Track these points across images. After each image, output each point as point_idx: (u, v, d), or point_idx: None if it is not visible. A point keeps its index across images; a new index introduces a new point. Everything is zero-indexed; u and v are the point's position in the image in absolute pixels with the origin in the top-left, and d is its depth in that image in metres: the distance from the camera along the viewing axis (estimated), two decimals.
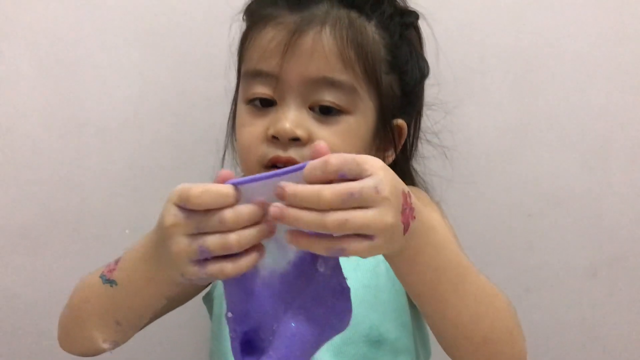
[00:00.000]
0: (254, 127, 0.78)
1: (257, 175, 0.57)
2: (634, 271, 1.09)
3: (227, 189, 0.56)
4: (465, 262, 0.68)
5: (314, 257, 0.61)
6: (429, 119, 0.94)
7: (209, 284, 0.89)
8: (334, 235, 0.56)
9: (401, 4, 0.85)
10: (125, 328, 0.71)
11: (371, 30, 0.79)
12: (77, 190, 1.08)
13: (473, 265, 0.69)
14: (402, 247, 0.61)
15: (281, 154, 0.75)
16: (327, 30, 0.76)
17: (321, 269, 0.61)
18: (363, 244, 0.56)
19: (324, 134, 0.76)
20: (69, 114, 1.07)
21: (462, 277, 0.67)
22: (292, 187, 0.55)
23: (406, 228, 0.59)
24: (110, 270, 0.70)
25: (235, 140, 0.86)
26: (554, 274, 1.10)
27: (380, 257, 0.82)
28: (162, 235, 0.59)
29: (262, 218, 0.57)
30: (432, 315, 0.69)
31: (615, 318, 1.11)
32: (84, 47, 1.05)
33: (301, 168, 0.56)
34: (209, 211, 0.56)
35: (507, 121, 1.07)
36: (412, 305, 0.85)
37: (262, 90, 0.77)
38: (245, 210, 0.56)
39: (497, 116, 1.07)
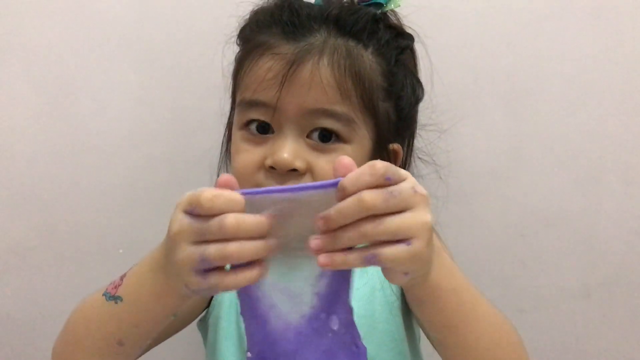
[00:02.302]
0: (250, 155, 0.77)
1: (270, 188, 0.57)
2: (628, 292, 1.10)
3: (238, 196, 0.55)
4: (472, 284, 0.68)
5: (328, 315, 0.60)
6: (423, 139, 0.94)
7: (205, 309, 0.89)
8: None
9: (397, 24, 0.84)
10: (129, 349, 0.69)
11: (368, 58, 0.78)
12: (71, 210, 1.09)
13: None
14: (431, 263, 0.60)
15: (278, 185, 0.74)
16: (324, 61, 0.75)
17: (335, 327, 0.61)
18: (400, 248, 0.55)
19: (323, 164, 0.75)
20: (64, 133, 1.07)
21: (476, 300, 0.67)
22: (333, 209, 0.55)
23: None
24: (115, 287, 0.68)
25: (230, 165, 0.85)
26: (547, 295, 1.10)
27: (376, 285, 0.83)
28: (169, 244, 0.58)
29: (268, 232, 0.56)
30: (453, 345, 0.68)
31: (609, 339, 1.11)
32: (80, 68, 1.06)
33: (324, 186, 0.55)
34: (210, 217, 0.55)
35: (500, 142, 1.08)
36: (408, 333, 0.85)
37: (259, 117, 0.77)
38: (248, 219, 0.55)
39: (491, 138, 1.07)
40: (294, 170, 0.74)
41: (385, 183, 0.55)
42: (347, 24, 0.77)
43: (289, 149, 0.74)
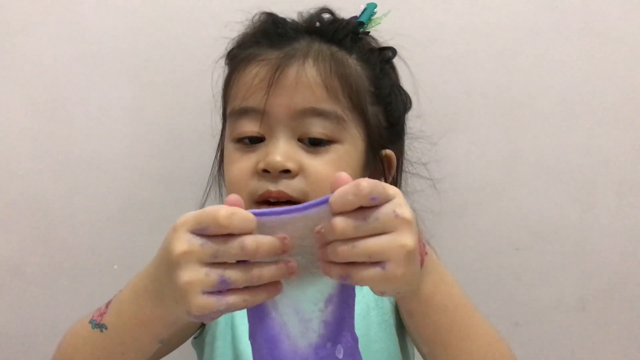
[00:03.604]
0: (242, 163, 0.77)
1: (276, 210, 0.57)
2: (623, 304, 1.10)
3: (251, 215, 0.55)
4: (470, 302, 0.68)
5: (334, 344, 0.61)
6: (416, 151, 0.94)
7: (199, 328, 0.88)
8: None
9: (377, 43, 0.85)
10: None
11: (353, 62, 0.79)
12: (65, 225, 1.08)
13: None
14: (418, 282, 0.60)
15: (271, 188, 0.74)
16: (310, 62, 0.76)
17: (340, 356, 0.61)
18: (372, 271, 0.54)
19: (315, 164, 0.75)
20: (58, 149, 1.07)
21: (471, 318, 0.67)
22: (320, 227, 0.55)
23: (422, 262, 0.59)
24: (101, 314, 0.68)
25: (223, 178, 0.85)
26: (542, 308, 1.10)
27: (371, 304, 0.82)
28: (168, 266, 0.56)
29: (280, 252, 0.56)
30: None
31: (605, 352, 1.11)
32: (75, 86, 1.06)
33: (324, 202, 0.55)
34: (227, 238, 0.55)
35: (493, 156, 1.08)
36: (403, 353, 0.84)
37: (249, 127, 0.77)
38: (265, 240, 0.55)
39: (484, 152, 1.08)
40: (287, 171, 0.74)
41: (370, 203, 0.54)
42: (329, 31, 0.80)
43: (280, 151, 0.74)
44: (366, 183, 0.54)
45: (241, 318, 0.82)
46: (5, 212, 1.08)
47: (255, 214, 0.56)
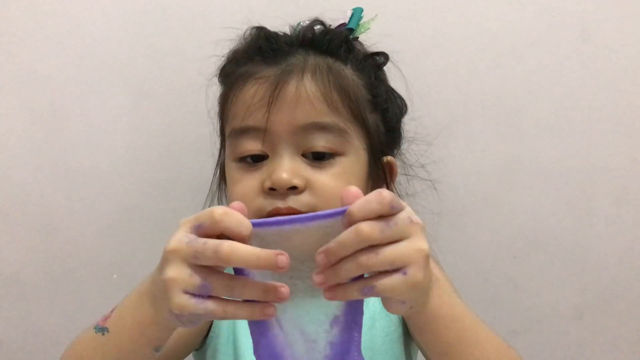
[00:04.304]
0: (247, 182, 0.77)
1: (279, 219, 0.57)
2: (620, 312, 1.10)
3: (247, 221, 0.55)
4: (472, 311, 0.69)
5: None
6: (414, 154, 0.95)
7: (202, 341, 0.87)
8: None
9: (364, 48, 0.86)
10: None
11: (349, 72, 0.80)
12: (65, 235, 1.08)
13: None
14: (429, 292, 0.60)
15: (280, 205, 0.74)
16: (308, 77, 0.76)
17: None
18: (396, 278, 0.55)
19: (322, 178, 0.75)
20: (58, 159, 1.07)
21: (477, 328, 0.68)
22: (333, 242, 0.55)
23: None
24: (105, 319, 0.68)
25: (224, 195, 0.85)
26: (540, 316, 1.11)
27: (376, 315, 0.82)
28: (161, 262, 0.57)
29: (273, 267, 0.54)
30: None
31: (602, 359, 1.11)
32: (74, 95, 1.06)
33: (330, 216, 0.56)
34: (210, 240, 0.55)
35: (491, 165, 1.08)
36: None
37: (251, 146, 0.77)
38: (242, 248, 0.54)
39: (481, 160, 1.08)
40: (294, 188, 0.74)
41: (390, 212, 0.55)
42: (323, 43, 0.80)
43: (286, 168, 0.74)
44: (387, 193, 0.56)
45: (244, 331, 0.82)
46: (4, 220, 1.08)
47: (254, 224, 0.56)
